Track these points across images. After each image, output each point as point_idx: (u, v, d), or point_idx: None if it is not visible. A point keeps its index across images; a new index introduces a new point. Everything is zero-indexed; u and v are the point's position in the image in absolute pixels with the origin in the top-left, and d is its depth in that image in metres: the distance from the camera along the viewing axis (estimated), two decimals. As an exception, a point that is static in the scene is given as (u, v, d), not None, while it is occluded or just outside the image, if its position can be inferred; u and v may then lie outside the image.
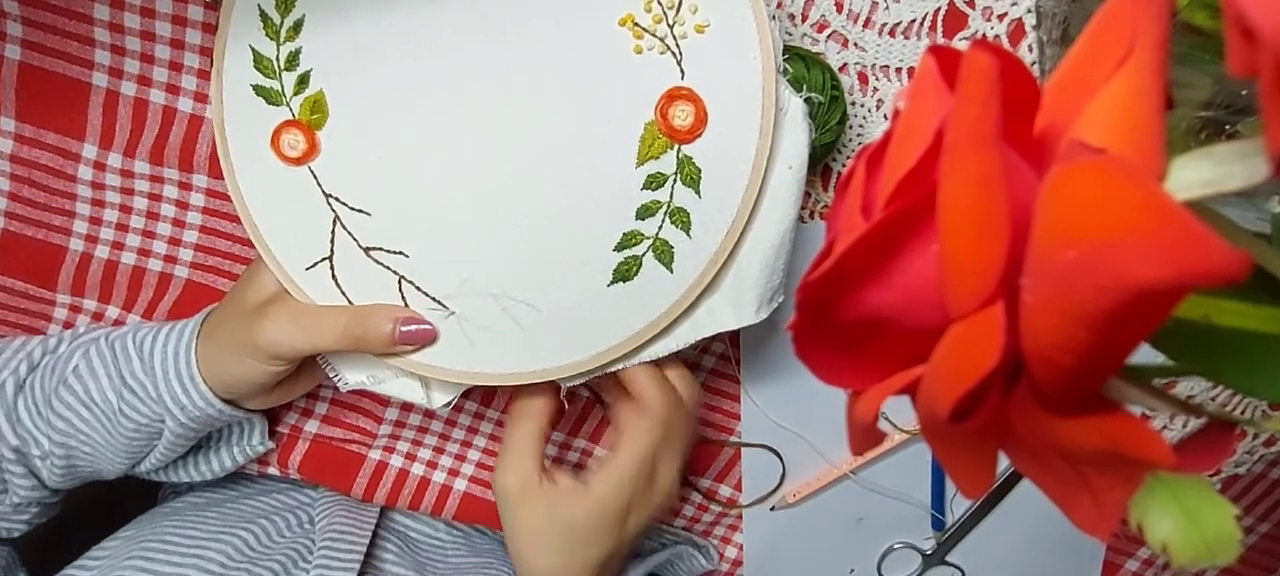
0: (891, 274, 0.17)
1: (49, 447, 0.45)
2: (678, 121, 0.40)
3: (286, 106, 0.42)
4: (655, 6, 0.39)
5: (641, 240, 0.41)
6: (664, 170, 0.40)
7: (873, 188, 0.19)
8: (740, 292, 0.42)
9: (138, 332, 0.45)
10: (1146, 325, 0.14)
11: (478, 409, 0.54)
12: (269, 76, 0.41)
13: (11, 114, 0.46)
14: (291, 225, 0.43)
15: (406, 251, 0.42)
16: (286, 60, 0.41)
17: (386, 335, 0.42)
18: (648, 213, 0.41)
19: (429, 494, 0.55)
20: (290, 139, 0.42)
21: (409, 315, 0.42)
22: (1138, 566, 0.59)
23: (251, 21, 0.41)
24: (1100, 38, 0.16)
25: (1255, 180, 0.15)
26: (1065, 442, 0.16)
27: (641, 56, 0.39)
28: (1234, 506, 0.17)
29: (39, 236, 0.49)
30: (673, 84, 0.39)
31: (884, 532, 0.57)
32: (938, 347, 0.17)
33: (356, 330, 0.42)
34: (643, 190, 0.41)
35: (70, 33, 0.45)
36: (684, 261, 0.41)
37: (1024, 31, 0.44)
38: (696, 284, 0.41)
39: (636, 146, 0.40)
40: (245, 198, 0.43)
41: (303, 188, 0.42)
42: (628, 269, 0.41)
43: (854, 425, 0.20)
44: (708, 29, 0.39)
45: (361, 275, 0.43)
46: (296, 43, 0.41)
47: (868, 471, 0.55)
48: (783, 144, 0.40)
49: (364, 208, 0.42)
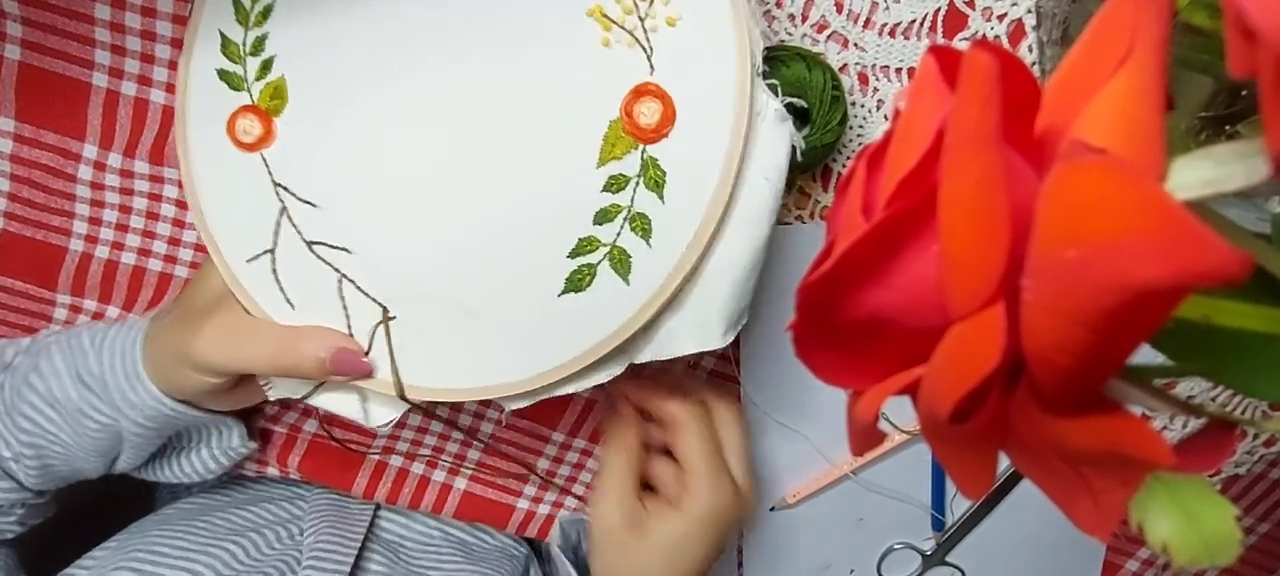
0: (892, 274, 0.17)
1: (19, 448, 0.45)
2: (643, 120, 0.37)
3: (247, 92, 0.40)
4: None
5: (598, 247, 0.38)
6: (626, 171, 0.38)
7: (873, 188, 0.19)
8: (705, 315, 0.39)
9: (94, 328, 0.45)
10: (1147, 325, 0.14)
11: (477, 408, 0.54)
12: (234, 61, 0.40)
13: (11, 114, 0.46)
14: (237, 215, 0.41)
15: (350, 248, 0.41)
16: (252, 45, 0.40)
17: (318, 362, 0.40)
18: (606, 217, 0.38)
19: (429, 492, 0.55)
20: (246, 124, 0.41)
21: (344, 345, 0.40)
22: (1138, 566, 0.59)
23: (224, 6, 0.40)
24: (1100, 38, 0.16)
25: (1255, 180, 0.15)
26: (1065, 443, 0.16)
27: (609, 49, 0.37)
28: (1234, 506, 0.17)
29: (38, 236, 0.49)
30: (641, 80, 0.37)
31: (884, 533, 0.57)
32: (938, 348, 0.17)
33: (286, 356, 0.40)
34: (602, 192, 0.38)
35: (70, 32, 0.45)
36: (641, 273, 0.38)
37: (1024, 32, 0.44)
38: (653, 299, 0.38)
39: (599, 145, 0.38)
40: (196, 185, 0.41)
41: (252, 176, 0.41)
42: (581, 278, 0.39)
43: (854, 425, 0.20)
44: (680, 22, 0.36)
45: (302, 271, 0.41)
46: (264, 27, 0.40)
47: (868, 472, 0.55)
48: (758, 152, 0.37)
49: (312, 199, 0.41)
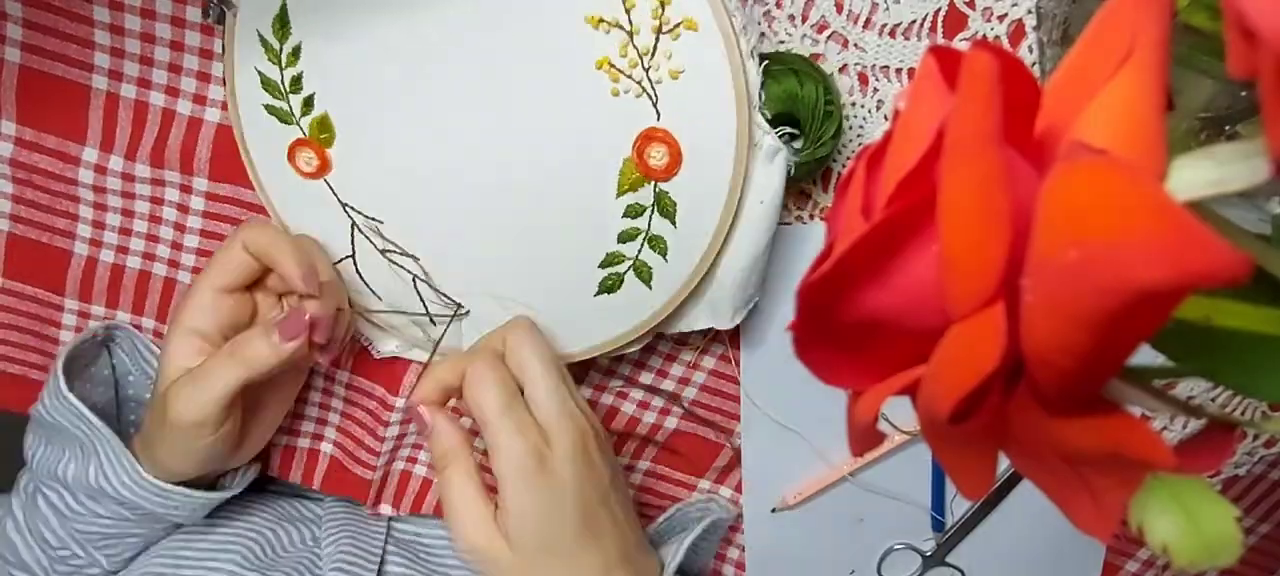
0: (891, 275, 0.17)
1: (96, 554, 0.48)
2: (654, 161, 0.41)
3: (297, 126, 0.45)
4: (630, 50, 0.39)
5: (623, 260, 0.44)
6: (642, 202, 0.42)
7: (873, 188, 0.19)
8: (716, 302, 0.45)
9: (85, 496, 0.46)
10: (1147, 326, 0.14)
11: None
12: (277, 97, 0.44)
13: (12, 117, 0.46)
14: (316, 230, 0.47)
15: (417, 254, 0.47)
16: (290, 83, 0.44)
17: (270, 347, 0.42)
18: (628, 237, 0.44)
19: (432, 495, 0.55)
20: (305, 156, 0.45)
21: (282, 318, 0.42)
22: (1138, 568, 0.59)
23: (253, 47, 0.43)
24: (1101, 38, 0.16)
25: (1256, 181, 0.15)
26: (1065, 443, 0.16)
27: (618, 99, 0.40)
28: (1234, 507, 0.16)
29: (44, 239, 0.49)
30: (649, 125, 0.41)
31: (884, 534, 0.57)
32: (938, 349, 0.17)
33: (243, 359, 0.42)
34: (623, 218, 0.43)
35: (70, 35, 0.45)
36: (662, 281, 0.44)
37: (1024, 32, 0.44)
38: (674, 299, 0.44)
39: (616, 180, 0.42)
40: (274, 205, 0.47)
41: (322, 198, 0.46)
42: (612, 284, 0.45)
43: (854, 426, 0.20)
44: (682, 75, 0.39)
45: (381, 273, 0.48)
46: (298, 67, 0.43)
47: (868, 472, 0.55)
48: (756, 178, 0.41)
49: (377, 216, 0.46)
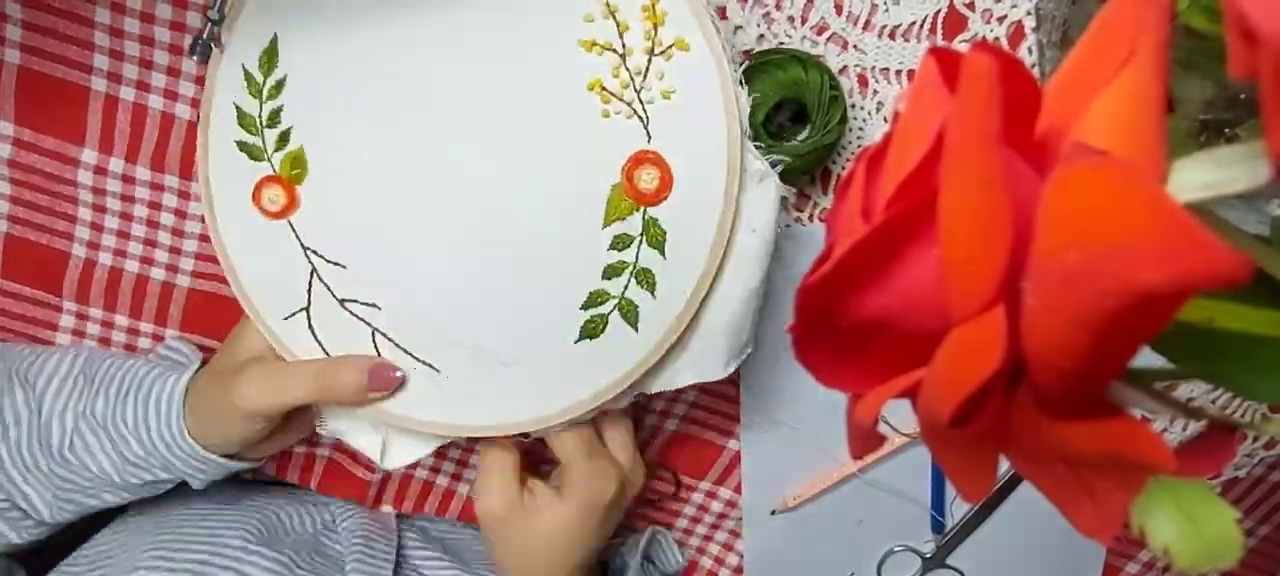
0: (892, 277, 0.17)
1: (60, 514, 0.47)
2: (643, 184, 0.40)
3: (268, 162, 0.42)
4: (623, 72, 0.39)
5: (607, 299, 0.42)
6: (630, 231, 0.41)
7: (873, 190, 0.19)
8: (707, 350, 0.43)
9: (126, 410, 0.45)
10: (1148, 328, 0.14)
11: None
12: (252, 133, 0.42)
13: (10, 118, 0.46)
14: (271, 276, 0.44)
15: (379, 304, 0.43)
16: (268, 117, 0.42)
17: (357, 386, 0.42)
18: (614, 273, 0.41)
19: (433, 497, 0.55)
20: (271, 194, 0.43)
21: (377, 364, 0.43)
22: (1138, 569, 0.59)
23: (236, 80, 0.42)
24: (1101, 40, 0.16)
25: (1257, 183, 0.15)
26: (1066, 446, 0.16)
27: (609, 121, 0.40)
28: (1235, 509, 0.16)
29: (42, 240, 0.49)
30: (639, 148, 0.40)
31: (884, 535, 0.57)
32: (938, 351, 0.16)
33: (328, 389, 0.42)
34: (609, 250, 0.41)
35: (70, 36, 0.45)
36: (649, 322, 0.42)
37: (1023, 34, 0.44)
38: (661, 343, 0.42)
39: (604, 207, 0.41)
40: (228, 251, 0.44)
41: (282, 240, 0.43)
42: (594, 327, 0.42)
43: (854, 428, 0.20)
44: (674, 95, 0.39)
45: (337, 326, 0.44)
46: (278, 100, 0.42)
47: (868, 474, 0.55)
48: (747, 206, 0.40)
49: (340, 260, 0.43)
